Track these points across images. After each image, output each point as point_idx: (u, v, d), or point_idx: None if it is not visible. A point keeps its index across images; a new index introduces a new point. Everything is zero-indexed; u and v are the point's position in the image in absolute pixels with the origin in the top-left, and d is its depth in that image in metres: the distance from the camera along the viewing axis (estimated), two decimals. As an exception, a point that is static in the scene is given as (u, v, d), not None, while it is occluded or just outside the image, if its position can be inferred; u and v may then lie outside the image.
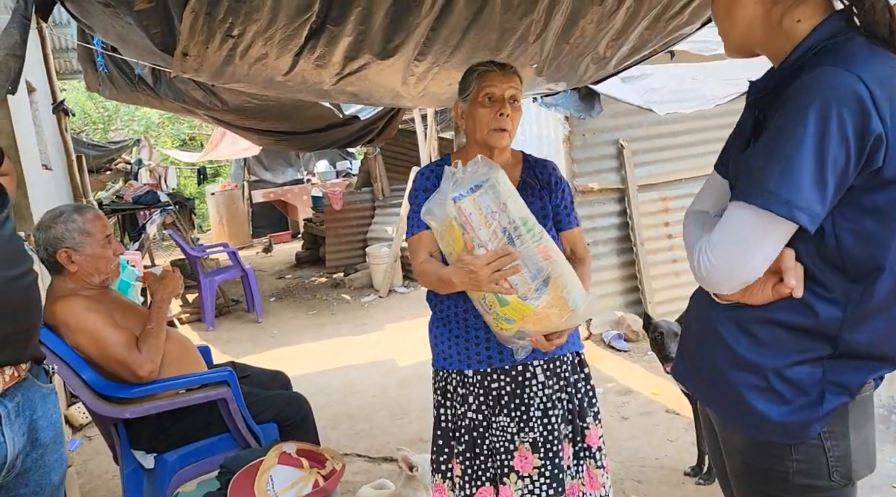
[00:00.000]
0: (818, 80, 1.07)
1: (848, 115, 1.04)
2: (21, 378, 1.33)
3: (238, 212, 12.54)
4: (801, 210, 1.07)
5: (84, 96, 14.21)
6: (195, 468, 2.39)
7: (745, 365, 1.20)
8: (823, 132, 1.05)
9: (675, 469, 2.94)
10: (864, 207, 1.10)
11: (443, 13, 2.15)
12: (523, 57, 2.66)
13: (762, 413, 1.18)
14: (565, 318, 1.60)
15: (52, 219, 2.22)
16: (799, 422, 1.17)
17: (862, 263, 1.12)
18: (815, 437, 1.17)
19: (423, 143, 7.11)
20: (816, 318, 1.15)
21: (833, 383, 1.16)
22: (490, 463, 1.88)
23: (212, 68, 2.36)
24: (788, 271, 1.14)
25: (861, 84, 1.04)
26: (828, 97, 1.05)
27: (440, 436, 1.95)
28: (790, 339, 1.17)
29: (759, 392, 1.19)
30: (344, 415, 3.96)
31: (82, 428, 3.93)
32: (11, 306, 1.27)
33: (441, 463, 1.94)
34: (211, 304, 6.40)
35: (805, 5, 1.16)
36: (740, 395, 1.20)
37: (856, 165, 1.06)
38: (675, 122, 4.86)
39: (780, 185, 1.08)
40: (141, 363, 2.20)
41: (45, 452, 1.40)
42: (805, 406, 1.16)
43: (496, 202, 1.53)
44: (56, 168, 5.40)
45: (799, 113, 1.07)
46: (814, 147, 1.05)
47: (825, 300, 1.14)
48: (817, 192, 1.06)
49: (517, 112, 1.85)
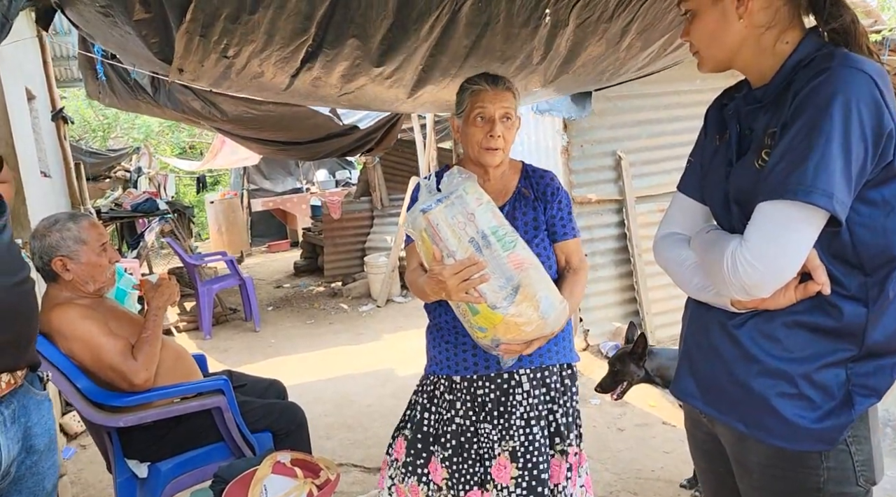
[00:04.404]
0: (837, 79, 1.10)
1: (866, 111, 1.08)
2: (17, 385, 1.33)
3: (237, 220, 12.54)
4: (839, 202, 1.09)
5: (84, 104, 14.23)
6: (189, 477, 2.38)
7: (772, 372, 1.18)
8: (847, 128, 1.08)
9: (671, 481, 2.93)
10: (873, 201, 1.13)
11: (441, 39, 2.14)
12: (526, 80, 2.66)
13: (793, 421, 1.17)
14: (535, 326, 1.60)
15: (48, 227, 2.22)
16: (832, 426, 1.16)
17: (876, 256, 1.14)
18: (842, 442, 1.17)
19: (422, 153, 7.12)
20: (842, 318, 1.15)
21: (860, 386, 1.16)
22: (478, 467, 1.88)
23: (208, 81, 2.36)
24: (817, 269, 1.15)
25: (871, 80, 1.09)
26: (848, 95, 1.08)
27: (420, 439, 1.94)
28: (815, 341, 1.17)
29: (789, 399, 1.17)
30: (340, 424, 3.94)
31: (77, 436, 3.91)
32: (9, 314, 1.27)
33: (418, 466, 1.92)
34: (208, 312, 6.39)
35: (792, 29, 1.21)
36: (769, 404, 1.18)
37: (873, 159, 1.10)
38: (674, 134, 4.88)
39: (817, 177, 1.08)
40: (136, 371, 2.20)
41: (40, 459, 1.40)
42: (833, 410, 1.16)
43: (463, 212, 1.55)
44: (55, 175, 5.40)
45: (823, 111, 1.09)
46: (841, 142, 1.08)
47: (847, 298, 1.15)
48: (846, 185, 1.09)
49: (510, 128, 1.86)
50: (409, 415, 2.00)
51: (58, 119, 3.86)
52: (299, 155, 7.18)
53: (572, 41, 2.32)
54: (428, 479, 1.92)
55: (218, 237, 12.23)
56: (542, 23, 2.15)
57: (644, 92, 4.81)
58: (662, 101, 4.89)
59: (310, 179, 13.11)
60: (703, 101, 5.15)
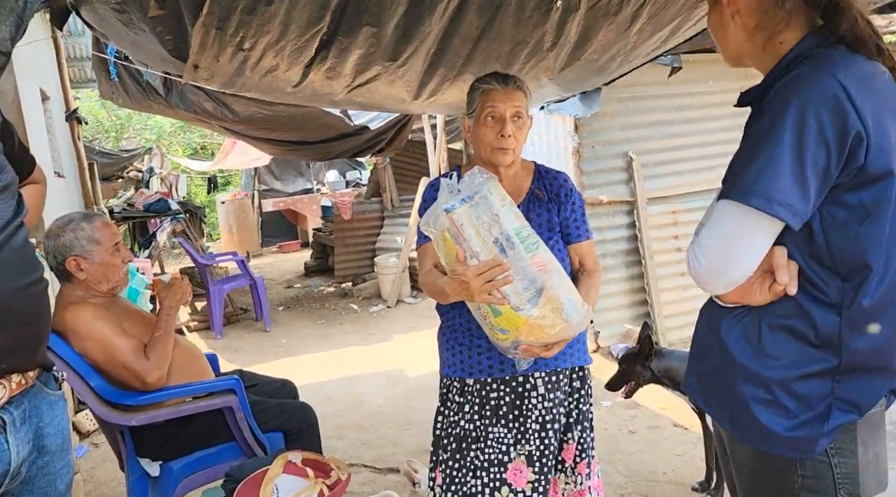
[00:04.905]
0: (796, 82, 1.11)
1: (826, 114, 1.07)
2: (28, 385, 1.33)
3: (248, 221, 12.59)
4: (781, 205, 1.09)
5: (97, 105, 14.35)
6: (201, 476, 2.39)
7: (751, 377, 1.19)
8: (802, 131, 1.07)
9: (682, 484, 2.91)
10: (849, 205, 1.11)
11: (453, 23, 2.16)
12: (536, 69, 2.66)
13: (767, 427, 1.17)
14: (559, 328, 1.59)
15: (61, 227, 2.24)
16: (804, 437, 1.16)
17: (850, 261, 1.12)
18: (822, 453, 1.16)
19: (433, 154, 7.12)
20: (815, 324, 1.14)
21: (842, 400, 1.15)
22: (475, 478, 1.85)
23: (222, 79, 2.37)
24: (780, 268, 1.15)
25: (837, 83, 1.07)
26: (805, 97, 1.08)
27: (433, 444, 1.95)
28: (797, 348, 1.16)
29: (765, 405, 1.18)
30: (350, 424, 3.95)
31: (89, 434, 3.94)
32: (21, 314, 1.27)
33: (430, 470, 1.94)
34: (219, 312, 6.42)
35: (787, 30, 1.20)
36: (747, 408, 1.19)
37: (837, 164, 1.09)
38: (686, 135, 4.86)
39: (758, 180, 1.10)
40: (149, 370, 2.21)
41: (52, 460, 1.39)
42: (810, 421, 1.15)
43: (488, 213, 1.54)
44: (68, 175, 5.44)
45: (778, 113, 1.10)
46: (792, 145, 1.08)
47: (821, 304, 1.14)
48: (798, 188, 1.09)
49: (522, 128, 1.84)
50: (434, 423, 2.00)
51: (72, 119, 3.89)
52: (310, 155, 7.19)
53: (583, 26, 2.31)
54: (433, 485, 1.93)
55: (229, 237, 12.28)
56: (554, 6, 2.15)
57: (656, 93, 4.79)
58: (674, 103, 4.86)
59: (320, 180, 13.15)
60: (715, 103, 5.14)
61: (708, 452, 2.79)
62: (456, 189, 1.58)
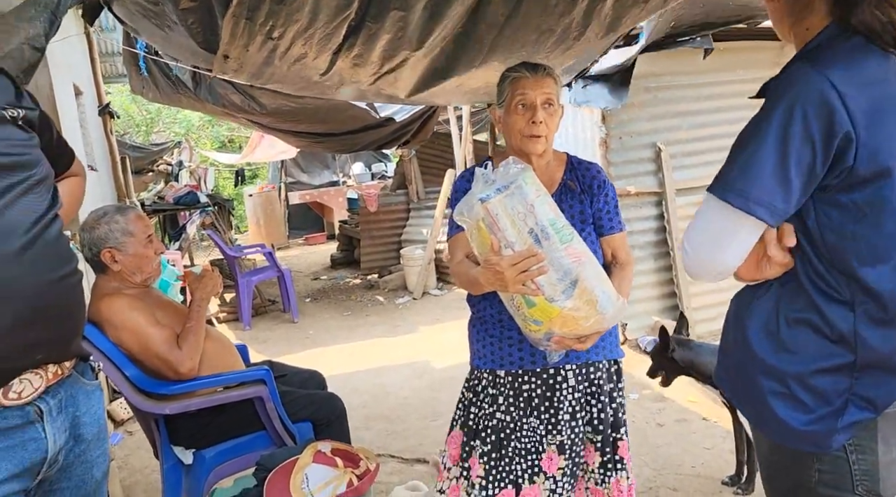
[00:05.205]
0: (787, 80, 1.11)
1: (813, 113, 1.06)
2: (65, 375, 1.36)
3: (275, 213, 12.70)
4: (759, 204, 1.10)
5: (128, 99, 14.57)
6: (232, 465, 2.43)
7: (768, 370, 1.19)
8: (787, 130, 1.07)
9: (711, 478, 2.88)
10: (843, 206, 1.11)
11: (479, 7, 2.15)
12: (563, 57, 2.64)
13: (784, 421, 1.17)
14: (593, 321, 1.58)
15: (96, 219, 2.28)
16: (820, 431, 1.15)
17: (849, 262, 1.11)
18: (840, 449, 1.15)
19: (458, 146, 7.11)
20: (827, 320, 1.14)
21: (859, 396, 1.13)
22: (515, 465, 1.87)
23: (251, 69, 2.40)
24: (769, 242, 1.16)
25: (827, 83, 1.06)
26: (794, 96, 1.08)
27: (465, 434, 1.95)
28: (813, 343, 1.15)
29: (782, 399, 1.18)
30: (377, 415, 3.98)
31: (123, 423, 4.03)
32: (57, 306, 1.30)
33: (463, 460, 1.93)
34: (248, 303, 6.50)
35: (811, 16, 1.18)
36: (765, 401, 1.20)
37: (823, 164, 1.08)
38: (715, 125, 4.78)
39: (738, 178, 1.12)
40: (181, 360, 2.25)
41: (88, 448, 1.42)
42: (826, 416, 1.14)
43: (523, 203, 1.52)
44: (101, 169, 5.55)
45: (766, 110, 1.11)
46: (776, 143, 1.08)
47: (834, 300, 1.13)
48: (780, 187, 1.09)
49: (553, 115, 1.82)
50: (458, 413, 2.00)
51: (104, 114, 3.94)
52: (336, 147, 7.21)
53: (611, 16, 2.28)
54: (469, 475, 1.92)
55: (256, 230, 12.41)
56: None
57: (685, 83, 4.73)
58: (704, 92, 4.79)
59: (346, 172, 13.21)
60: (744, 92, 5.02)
61: (738, 446, 2.76)
62: (491, 179, 1.56)
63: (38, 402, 1.27)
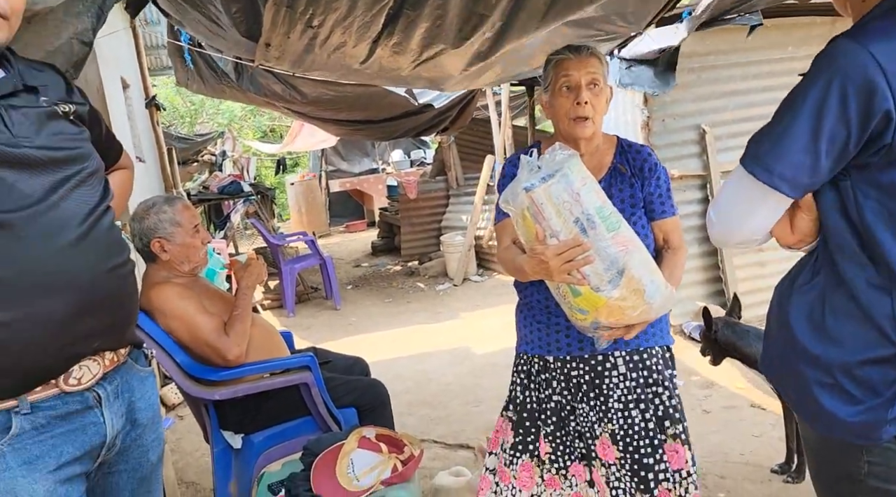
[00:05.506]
0: (829, 54, 1.07)
1: (852, 91, 1.03)
2: (120, 362, 1.40)
3: (316, 201, 12.83)
4: (784, 180, 1.10)
5: (172, 91, 14.87)
6: (280, 449, 2.48)
7: (813, 360, 1.16)
8: (822, 107, 1.05)
9: (760, 465, 2.83)
10: (882, 186, 1.07)
11: None
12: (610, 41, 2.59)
13: (830, 412, 1.14)
14: (640, 311, 1.56)
15: (146, 210, 2.34)
16: (869, 423, 1.11)
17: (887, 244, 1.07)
18: (891, 440, 1.11)
19: (497, 131, 7.06)
20: (865, 305, 1.10)
21: None
22: (578, 443, 1.87)
23: (292, 57, 2.42)
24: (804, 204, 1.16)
25: (871, 59, 1.02)
26: (833, 71, 1.05)
27: (526, 418, 1.93)
28: (858, 333, 1.11)
29: (828, 389, 1.14)
30: (419, 401, 4.01)
31: (174, 407, 4.15)
32: (111, 295, 1.33)
33: (528, 444, 1.93)
34: (291, 291, 6.60)
35: None
36: (810, 391, 1.16)
37: (857, 142, 1.05)
38: (764, 105, 4.63)
39: (768, 152, 1.12)
40: (229, 347, 2.29)
41: (143, 432, 1.47)
42: (876, 407, 1.10)
43: (569, 192, 1.50)
44: (149, 160, 5.68)
45: (804, 84, 1.09)
46: (810, 120, 1.06)
47: (873, 287, 1.10)
48: (808, 164, 1.08)
49: (599, 96, 1.78)
50: (511, 396, 1.99)
51: (151, 106, 4.04)
52: (375, 135, 7.25)
53: None
54: (538, 452, 1.92)
55: (298, 218, 12.57)
56: None
57: (732, 61, 4.60)
58: (751, 71, 4.65)
59: (385, 160, 13.26)
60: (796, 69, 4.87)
61: (789, 434, 2.70)
62: (536, 166, 1.54)
63: (96, 387, 1.32)
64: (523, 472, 1.94)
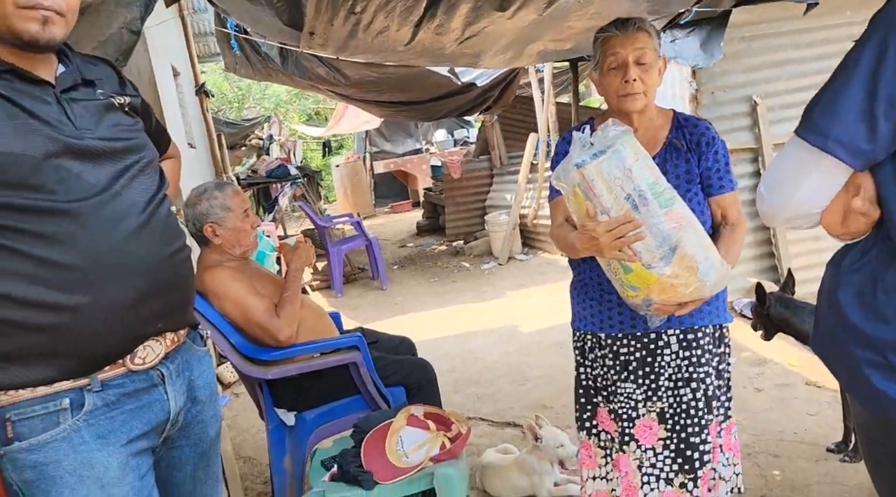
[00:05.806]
0: (886, 10, 1.00)
1: None
2: (180, 343, 1.46)
3: (361, 183, 12.96)
4: (839, 143, 1.02)
5: (220, 77, 15.14)
6: (331, 427, 2.55)
7: (863, 339, 1.12)
8: (879, 65, 0.98)
9: (815, 444, 2.77)
10: None
11: None
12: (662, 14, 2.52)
13: (882, 391, 1.10)
14: (693, 288, 1.53)
15: (198, 196, 2.41)
16: None
17: None
18: None
19: (541, 109, 6.99)
20: None
21: None
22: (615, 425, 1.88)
23: (336, 43, 2.44)
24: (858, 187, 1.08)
25: None
26: (891, 27, 0.98)
27: (582, 394, 1.96)
28: None
29: (879, 368, 1.10)
30: (466, 380, 4.05)
31: (230, 385, 4.29)
32: (171, 279, 1.39)
33: (585, 420, 1.95)
34: (339, 272, 6.71)
35: None
36: (860, 371, 1.12)
37: None
38: (819, 73, 4.46)
39: (820, 115, 1.05)
40: (280, 328, 2.36)
41: (203, 409, 1.53)
42: None
43: (620, 168, 1.47)
44: (199, 146, 5.82)
45: (859, 43, 1.02)
46: (865, 80, 1.00)
47: None
48: (864, 127, 1.01)
49: (649, 71, 1.74)
50: (576, 374, 2.02)
51: (200, 93, 4.14)
52: (418, 115, 7.26)
53: None
54: (598, 430, 1.94)
55: (344, 199, 12.72)
56: None
57: (785, 29, 4.43)
58: (805, 39, 4.47)
59: (429, 140, 13.28)
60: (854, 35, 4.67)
61: (846, 412, 2.64)
62: (588, 143, 1.52)
63: (159, 366, 1.38)
64: (583, 449, 1.96)
